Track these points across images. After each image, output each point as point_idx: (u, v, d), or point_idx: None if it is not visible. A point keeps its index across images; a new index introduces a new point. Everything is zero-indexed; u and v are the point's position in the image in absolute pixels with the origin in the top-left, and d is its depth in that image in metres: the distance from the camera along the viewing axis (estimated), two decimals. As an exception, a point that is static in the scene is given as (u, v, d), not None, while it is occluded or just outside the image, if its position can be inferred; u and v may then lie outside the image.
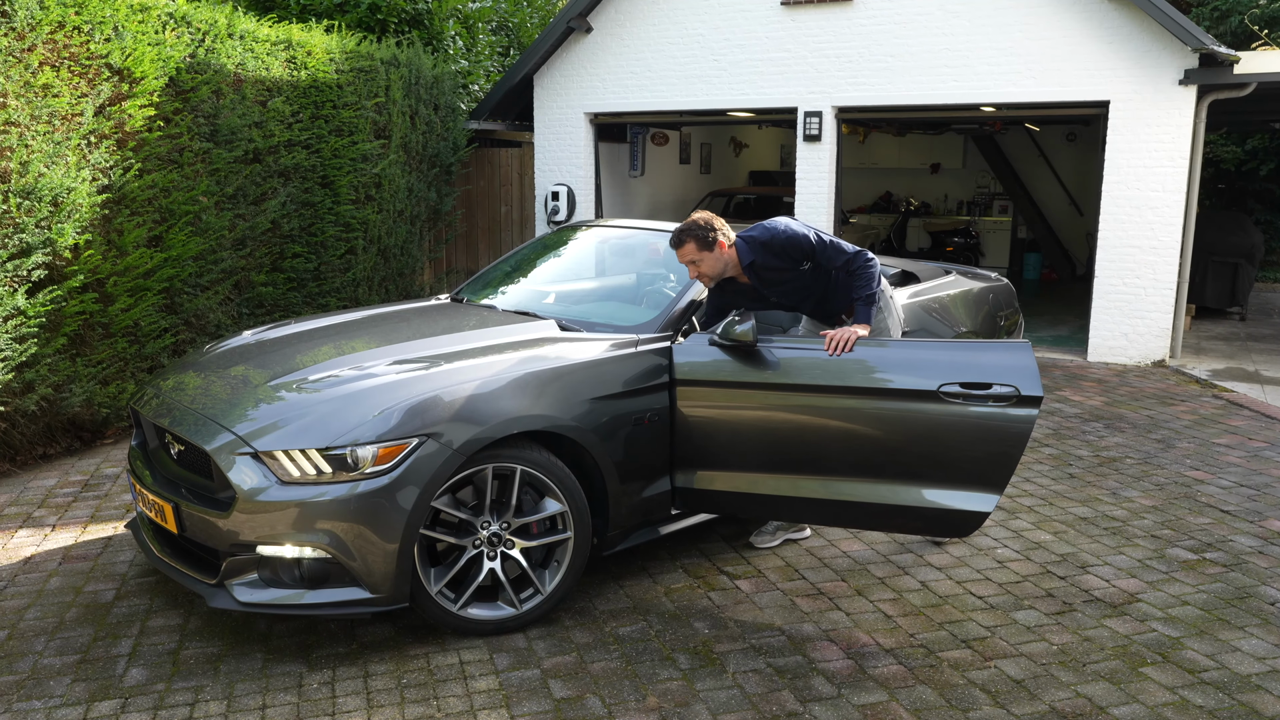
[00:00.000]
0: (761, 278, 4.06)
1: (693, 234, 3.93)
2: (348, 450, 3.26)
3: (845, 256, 3.98)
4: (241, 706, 3.13)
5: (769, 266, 4.01)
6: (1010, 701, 3.16)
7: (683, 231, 3.96)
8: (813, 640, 3.56)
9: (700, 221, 3.94)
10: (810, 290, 4.12)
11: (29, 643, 3.54)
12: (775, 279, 4.06)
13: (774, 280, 4.07)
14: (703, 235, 3.93)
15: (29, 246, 5.08)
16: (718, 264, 3.97)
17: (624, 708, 3.12)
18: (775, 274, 4.04)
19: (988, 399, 3.50)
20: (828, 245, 3.98)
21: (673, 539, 4.45)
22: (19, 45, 4.98)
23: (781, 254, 3.97)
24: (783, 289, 4.11)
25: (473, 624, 3.52)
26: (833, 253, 3.98)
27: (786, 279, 4.06)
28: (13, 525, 4.69)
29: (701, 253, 3.94)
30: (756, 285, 4.09)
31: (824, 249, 3.97)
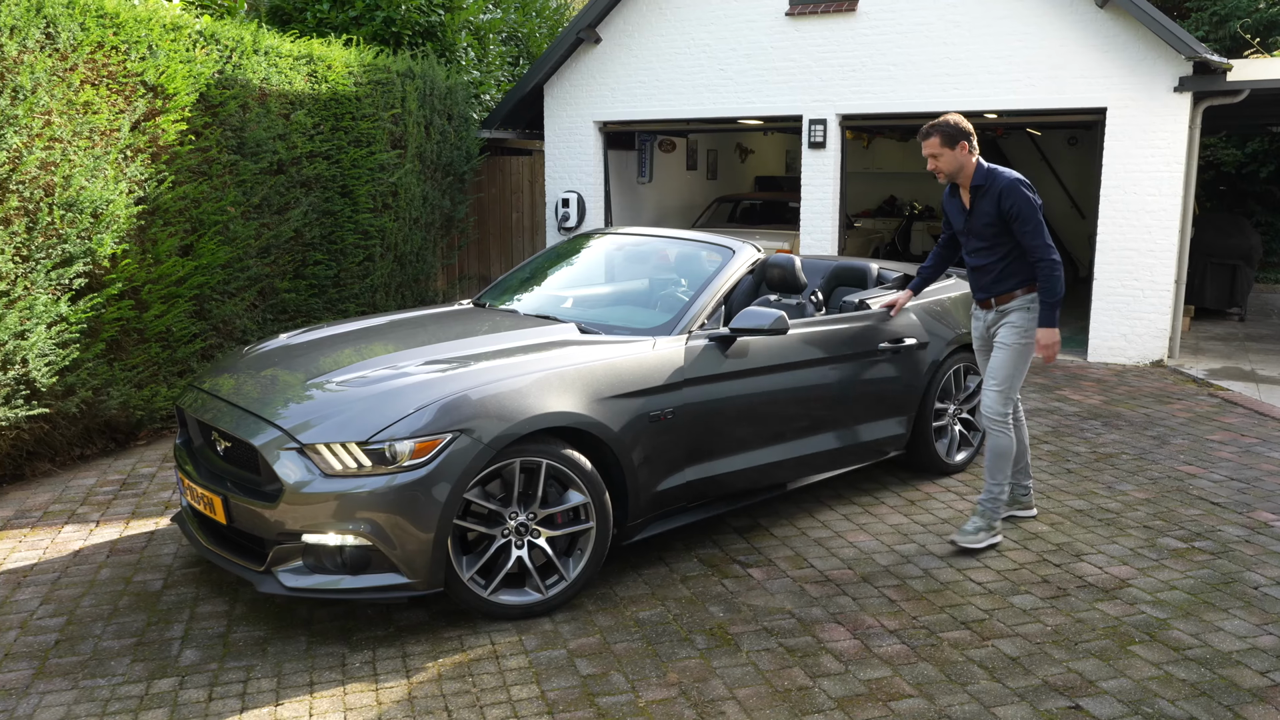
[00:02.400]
0: (976, 209, 4.41)
1: (940, 129, 4.33)
2: (386, 445, 3.50)
3: (1037, 244, 4.28)
4: (290, 684, 3.37)
5: (991, 201, 4.33)
6: (1006, 676, 3.39)
7: (933, 126, 4.35)
8: (821, 622, 3.79)
9: (951, 120, 4.33)
10: (995, 253, 4.41)
11: (87, 627, 3.78)
12: (982, 220, 4.39)
13: (980, 219, 4.40)
14: (948, 132, 4.32)
15: (71, 256, 5.34)
16: (954, 163, 4.35)
17: (646, 683, 3.35)
18: (986, 215, 4.36)
19: (901, 349, 5.08)
20: (1039, 224, 4.29)
21: (687, 530, 4.68)
22: (62, 65, 5.24)
23: (1007, 196, 4.28)
24: (979, 236, 4.44)
25: (502, 608, 3.75)
26: (1035, 234, 4.28)
27: (988, 229, 4.38)
28: (59, 521, 4.94)
29: (943, 149, 4.33)
30: (965, 217, 4.47)
31: (1035, 223, 4.28)
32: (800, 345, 4.67)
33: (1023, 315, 4.45)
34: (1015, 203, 4.29)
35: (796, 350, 4.65)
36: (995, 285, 4.50)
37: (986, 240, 4.44)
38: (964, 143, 4.35)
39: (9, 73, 4.92)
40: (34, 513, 5.05)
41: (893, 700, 3.24)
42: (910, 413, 5.26)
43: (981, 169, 4.40)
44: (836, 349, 4.83)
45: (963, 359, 5.52)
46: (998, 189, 4.34)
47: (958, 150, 4.35)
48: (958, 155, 4.36)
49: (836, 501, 5.13)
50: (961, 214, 4.54)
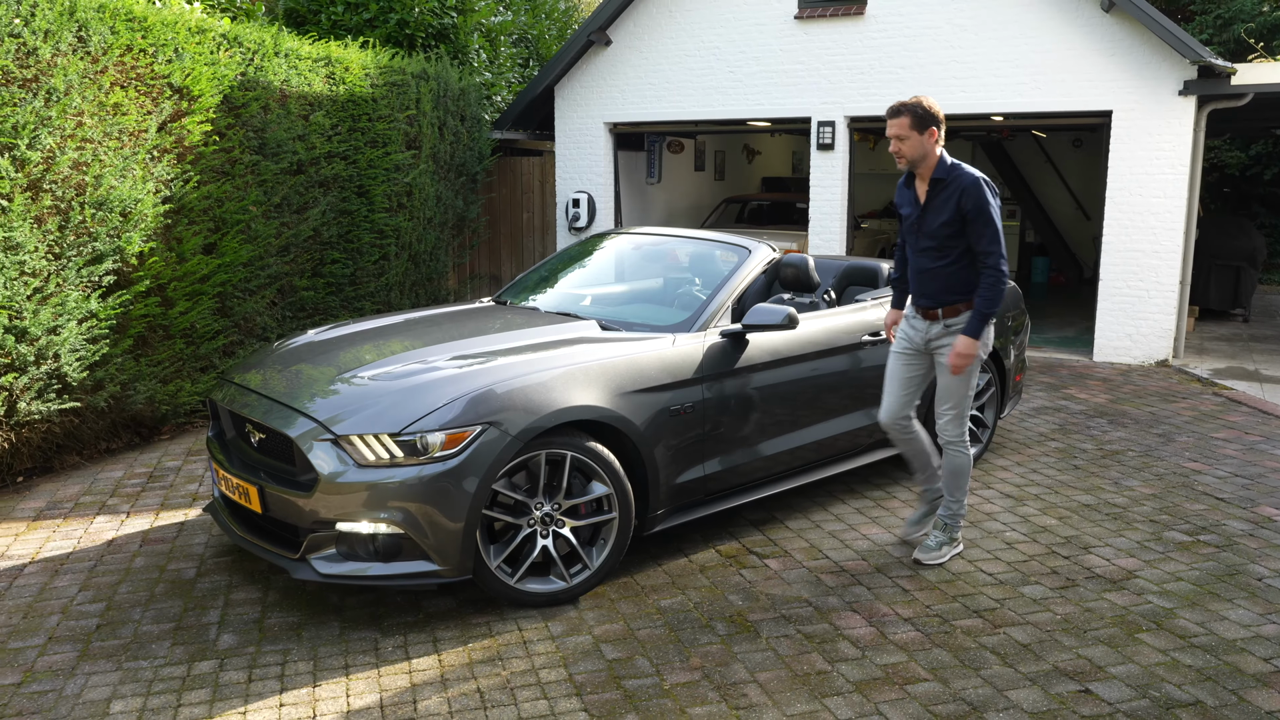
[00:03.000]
0: (931, 205, 4.10)
1: (911, 109, 4.02)
2: (417, 436, 3.62)
3: (991, 251, 3.99)
4: (326, 666, 3.49)
5: (949, 198, 4.03)
6: (1017, 662, 3.50)
7: (905, 105, 4.03)
8: (837, 611, 3.91)
9: (923, 102, 4.02)
10: (945, 256, 4.11)
11: (127, 613, 3.90)
12: (937, 219, 4.08)
13: (935, 217, 4.09)
14: (919, 114, 4.00)
15: (101, 254, 5.46)
16: (919, 150, 4.04)
17: (670, 667, 3.47)
18: (943, 214, 4.05)
19: (877, 340, 5.13)
20: (998, 230, 4.00)
21: (705, 523, 4.80)
22: (93, 68, 5.37)
23: (969, 194, 3.99)
24: (930, 235, 4.13)
25: (528, 596, 3.87)
26: (993, 240, 3.99)
27: (941, 229, 4.07)
28: (90, 512, 5.06)
29: (911, 131, 4.01)
30: (918, 212, 4.16)
31: (994, 227, 3.98)
32: (810, 339, 4.79)
33: None
34: (977, 202, 3.99)
35: (806, 344, 4.77)
36: (943, 294, 4.17)
37: (937, 241, 4.12)
38: (933, 129, 4.04)
39: (43, 75, 5.05)
40: (65, 504, 5.18)
41: (909, 684, 3.36)
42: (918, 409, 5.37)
43: (945, 162, 4.08)
44: (843, 342, 4.95)
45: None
46: (960, 186, 4.02)
47: (926, 136, 4.03)
48: (925, 141, 4.04)
49: (849, 496, 5.25)
50: (914, 208, 4.22)
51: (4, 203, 4.88)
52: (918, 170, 4.14)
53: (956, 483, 4.34)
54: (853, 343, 5.00)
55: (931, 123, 4.03)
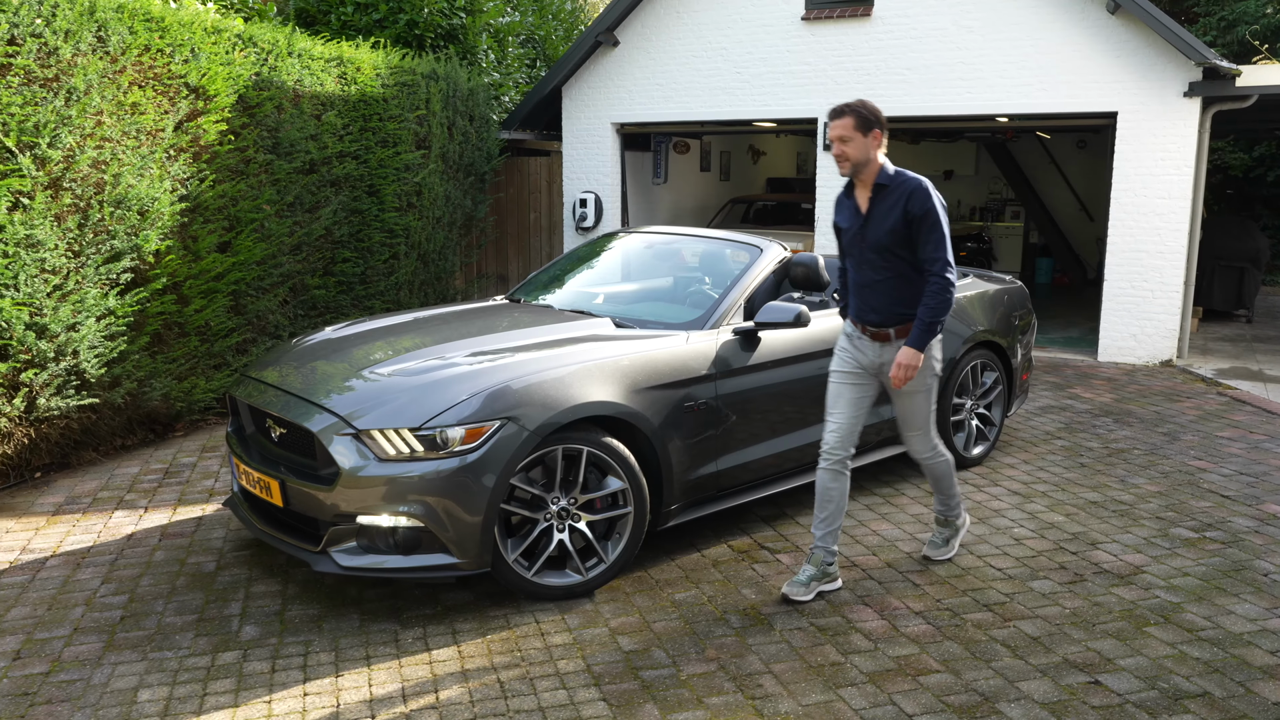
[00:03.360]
0: (874, 214, 3.87)
1: (855, 111, 3.78)
2: (437, 431, 3.68)
3: (938, 258, 3.79)
4: (348, 657, 3.55)
5: (894, 205, 3.82)
6: (1028, 654, 3.56)
7: (849, 105, 3.80)
8: (849, 604, 3.97)
9: (868, 104, 3.80)
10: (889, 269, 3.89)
11: (149, 605, 3.96)
12: (882, 227, 3.85)
13: (879, 226, 3.86)
14: (864, 116, 3.77)
15: (119, 252, 5.53)
16: (863, 153, 3.80)
17: (686, 658, 3.53)
18: (888, 221, 3.83)
19: None
20: (945, 235, 3.79)
21: (716, 519, 4.86)
22: (112, 68, 5.43)
23: (917, 198, 3.77)
24: (874, 246, 3.89)
25: (544, 589, 3.93)
26: (941, 245, 3.78)
27: (887, 238, 3.85)
28: (109, 507, 5.12)
29: (855, 132, 3.77)
30: (860, 223, 3.92)
31: (941, 232, 3.78)
32: (820, 337, 4.85)
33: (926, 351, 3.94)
34: (924, 205, 3.76)
35: (816, 341, 4.82)
36: (893, 310, 3.92)
37: (880, 252, 3.88)
38: (877, 132, 3.80)
39: (64, 75, 5.11)
40: (84, 499, 5.24)
41: (921, 675, 3.41)
42: (929, 407, 5.43)
43: (888, 169, 3.86)
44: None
45: (979, 356, 5.69)
46: (906, 190, 3.80)
47: (870, 139, 3.79)
48: (869, 145, 3.80)
49: (859, 493, 5.31)
50: (855, 218, 3.96)
51: (25, 201, 4.95)
52: (859, 177, 3.89)
53: (942, 486, 4.30)
54: None
55: (875, 125, 3.80)
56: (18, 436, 5.22)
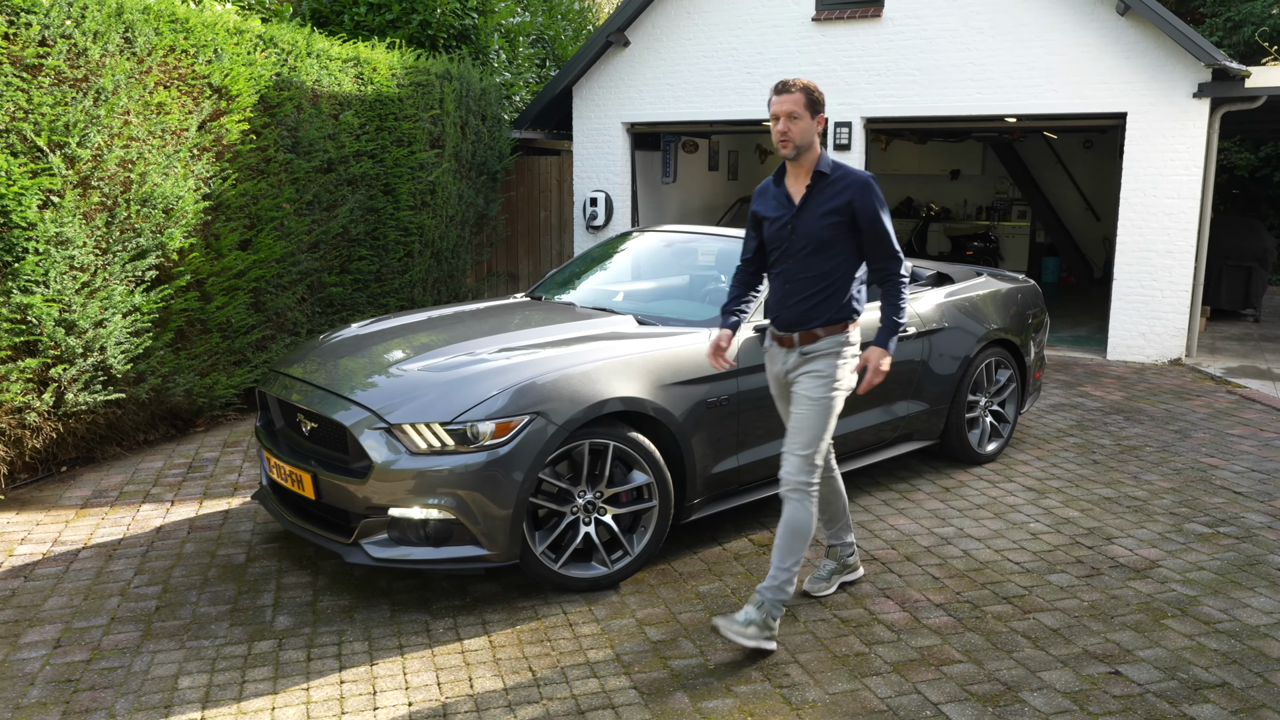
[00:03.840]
0: (810, 204, 3.56)
1: (805, 89, 3.51)
2: (468, 425, 3.75)
3: (896, 256, 3.57)
4: (381, 646, 3.62)
5: (835, 197, 3.53)
6: (1048, 645, 3.63)
7: (799, 82, 3.52)
8: (871, 597, 4.04)
9: (815, 85, 3.55)
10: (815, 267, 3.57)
11: (183, 595, 4.04)
12: (818, 220, 3.54)
13: (813, 217, 3.54)
14: (814, 96, 3.52)
15: (144, 249, 5.60)
16: (808, 135, 3.52)
17: (713, 648, 3.59)
18: (827, 214, 3.53)
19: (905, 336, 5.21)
20: (890, 232, 3.57)
21: (736, 513, 4.93)
22: (139, 68, 5.50)
23: (864, 192, 3.51)
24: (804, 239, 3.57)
25: (571, 581, 4.00)
26: (890, 241, 3.56)
27: (823, 231, 3.54)
28: (135, 501, 5.20)
29: (805, 111, 3.49)
30: (791, 213, 3.60)
31: (887, 229, 3.55)
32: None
33: (830, 362, 3.59)
34: (873, 205, 3.52)
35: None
36: (803, 315, 3.60)
37: (810, 247, 3.55)
38: (821, 115, 3.55)
39: (93, 75, 5.18)
40: (110, 492, 5.31)
41: (944, 665, 3.48)
42: (944, 404, 5.50)
43: (827, 157, 3.59)
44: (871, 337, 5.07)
45: (993, 354, 5.76)
46: (853, 185, 3.51)
47: (816, 121, 3.53)
48: (814, 128, 3.53)
49: (875, 489, 5.37)
50: (785, 208, 3.62)
51: (56, 199, 5.02)
52: (799, 162, 3.57)
53: (794, 544, 3.55)
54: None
55: (821, 108, 3.54)
56: (46, 431, 5.29)
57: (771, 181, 3.72)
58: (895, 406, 5.26)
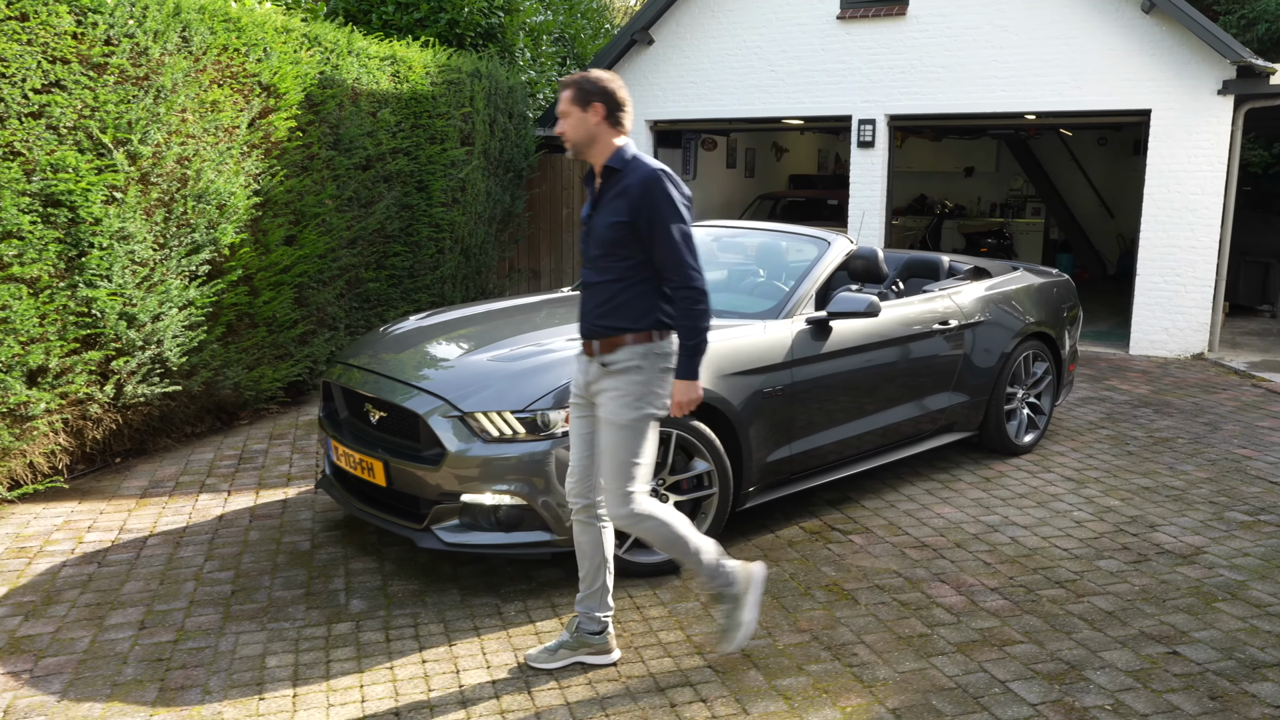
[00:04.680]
0: (602, 201, 3.26)
1: (576, 83, 3.21)
2: (538, 413, 3.85)
3: (680, 264, 3.14)
4: (456, 628, 3.72)
5: (623, 194, 3.18)
6: (1105, 627, 3.73)
7: (571, 78, 3.24)
8: (927, 581, 4.14)
9: (591, 74, 3.22)
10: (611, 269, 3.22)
11: (256, 580, 4.15)
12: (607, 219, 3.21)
13: (605, 217, 3.23)
14: (584, 89, 3.20)
15: (198, 245, 5.71)
16: (580, 129, 3.21)
17: (779, 630, 3.70)
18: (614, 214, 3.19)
19: (948, 329, 5.36)
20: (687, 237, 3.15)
21: (785, 503, 5.03)
22: (195, 67, 5.61)
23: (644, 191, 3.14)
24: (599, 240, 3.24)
25: (635, 566, 4.10)
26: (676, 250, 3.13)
27: (610, 232, 3.19)
28: (192, 491, 5.31)
29: (573, 107, 3.20)
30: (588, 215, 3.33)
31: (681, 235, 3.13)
32: (887, 327, 5.02)
33: (634, 380, 3.20)
34: (655, 201, 3.12)
35: (884, 331, 4.99)
36: (601, 319, 3.23)
37: (601, 247, 3.22)
38: (598, 105, 3.18)
39: (153, 74, 5.29)
40: (167, 483, 5.42)
41: (1006, 645, 3.59)
42: (984, 396, 5.60)
43: (624, 153, 3.22)
44: (916, 330, 5.18)
45: (1031, 347, 5.86)
46: (635, 179, 3.16)
47: (589, 113, 3.18)
48: (588, 119, 3.19)
49: (917, 479, 5.48)
50: (588, 208, 3.34)
51: (119, 195, 5.13)
52: (588, 158, 3.27)
53: (679, 548, 3.34)
54: (925, 331, 5.23)
55: (597, 98, 3.18)
56: (106, 422, 5.40)
57: (586, 177, 3.39)
58: (937, 398, 5.36)
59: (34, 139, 4.68)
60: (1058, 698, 3.24)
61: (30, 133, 4.66)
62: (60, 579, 4.15)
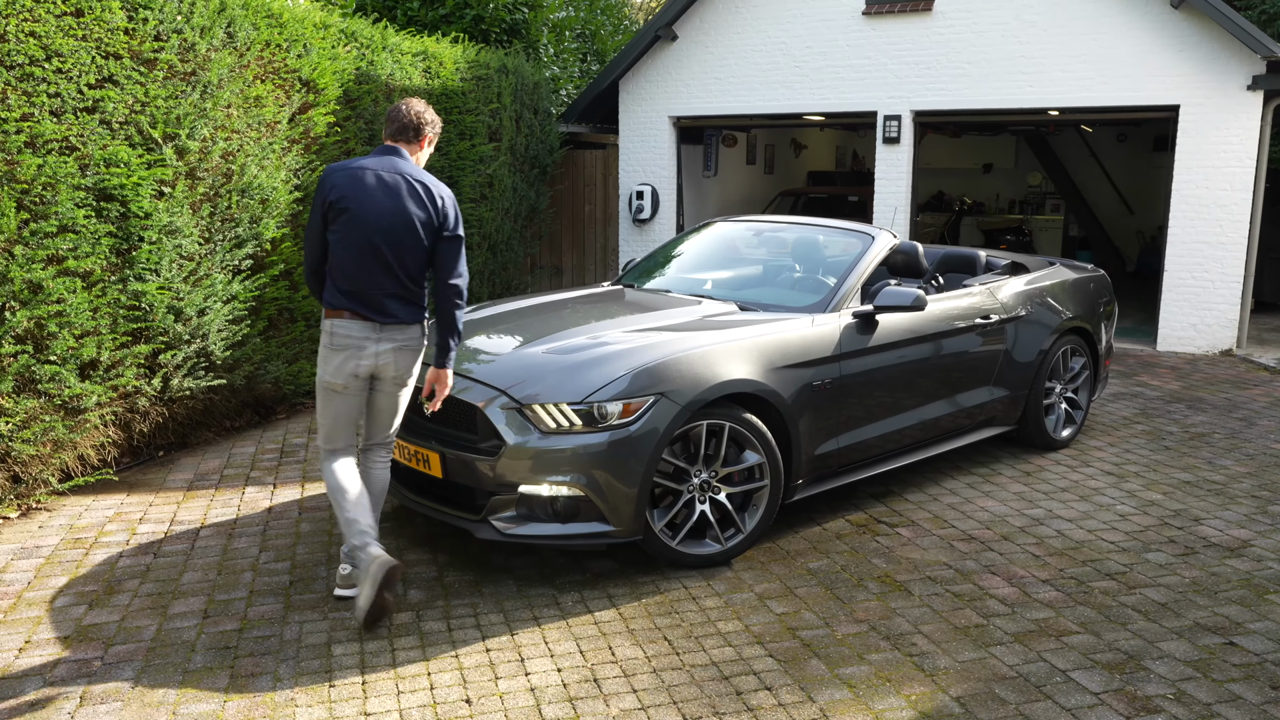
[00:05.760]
0: None
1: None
2: (595, 405, 3.89)
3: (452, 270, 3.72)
4: (516, 618, 3.76)
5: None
6: (1160, 618, 3.75)
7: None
8: (977, 573, 4.17)
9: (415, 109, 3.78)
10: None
11: (312, 570, 4.19)
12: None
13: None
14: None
15: (242, 239, 5.76)
16: None
17: (836, 620, 3.73)
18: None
19: (990, 324, 5.35)
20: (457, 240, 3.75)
21: (829, 496, 5.06)
22: (239, 62, 5.65)
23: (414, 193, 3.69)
24: None
25: (687, 557, 4.14)
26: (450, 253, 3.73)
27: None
28: (238, 483, 5.35)
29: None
30: None
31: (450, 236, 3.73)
32: (931, 321, 5.04)
33: None
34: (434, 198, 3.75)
35: (928, 325, 5.02)
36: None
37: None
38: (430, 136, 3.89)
39: (200, 69, 5.33)
40: (211, 475, 5.47)
41: (1063, 636, 3.61)
42: (1023, 391, 5.62)
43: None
44: (960, 325, 5.20)
45: (1069, 342, 5.88)
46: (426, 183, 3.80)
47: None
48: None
49: (957, 473, 5.50)
50: None
51: (167, 189, 5.18)
52: None
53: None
54: (967, 325, 5.25)
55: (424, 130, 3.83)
56: (153, 416, 5.45)
57: None
58: (978, 393, 5.38)
59: (88, 134, 4.73)
60: (1119, 686, 3.26)
61: (85, 127, 4.71)
62: (119, 569, 4.20)
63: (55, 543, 4.48)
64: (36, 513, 4.85)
